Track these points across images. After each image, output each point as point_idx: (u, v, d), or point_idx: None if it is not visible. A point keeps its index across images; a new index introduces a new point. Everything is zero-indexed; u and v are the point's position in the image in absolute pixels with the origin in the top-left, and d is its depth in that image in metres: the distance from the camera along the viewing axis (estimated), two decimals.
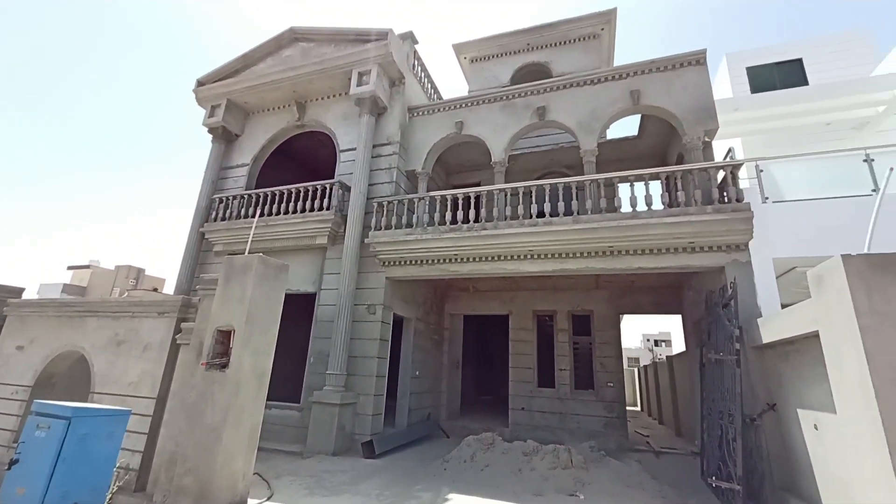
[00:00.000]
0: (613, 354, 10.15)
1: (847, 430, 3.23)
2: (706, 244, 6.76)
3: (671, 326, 32.75)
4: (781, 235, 6.49)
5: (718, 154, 8.94)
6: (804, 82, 12.18)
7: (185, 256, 9.90)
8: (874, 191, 6.24)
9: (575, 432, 9.44)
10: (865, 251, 3.32)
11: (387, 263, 8.61)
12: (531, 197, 8.31)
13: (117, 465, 5.07)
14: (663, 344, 51.79)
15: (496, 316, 11.66)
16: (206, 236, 9.99)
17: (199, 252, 10.16)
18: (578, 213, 7.43)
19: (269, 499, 5.01)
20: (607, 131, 10.16)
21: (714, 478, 5.35)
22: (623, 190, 7.59)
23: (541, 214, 7.79)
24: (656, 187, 9.33)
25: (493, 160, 9.07)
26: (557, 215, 7.53)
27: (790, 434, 4.88)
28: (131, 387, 5.41)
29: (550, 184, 7.79)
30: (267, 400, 8.53)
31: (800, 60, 12.39)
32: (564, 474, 5.74)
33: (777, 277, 6.47)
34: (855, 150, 6.77)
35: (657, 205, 7.23)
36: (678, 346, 20.26)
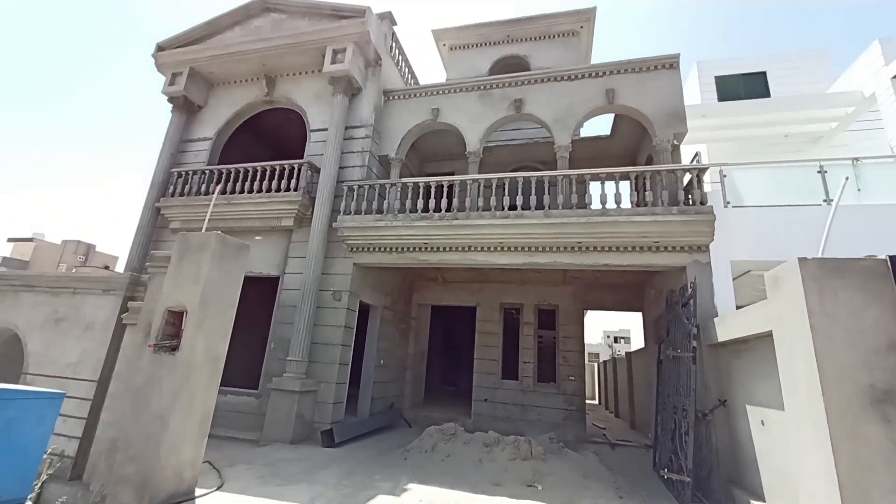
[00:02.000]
0: (576, 349, 10.37)
1: (793, 426, 3.38)
2: (670, 244, 6.94)
3: (630, 324, 34.00)
4: (739, 239, 6.75)
5: (685, 158, 9.20)
6: (767, 94, 12.73)
7: (138, 233, 9.29)
8: (826, 201, 6.58)
9: (536, 424, 9.61)
10: (819, 255, 3.46)
11: (355, 249, 8.39)
12: (504, 189, 8.29)
13: (49, 451, 4.71)
14: (622, 340, 53.71)
15: (464, 307, 11.66)
16: (161, 212, 9.41)
17: (154, 228, 9.56)
18: (549, 208, 7.46)
19: (219, 488, 4.79)
20: (581, 129, 10.27)
21: (666, 470, 5.55)
22: (594, 189, 7.75)
23: (513, 207, 7.78)
24: (626, 187, 9.56)
25: (467, 150, 8.98)
26: (529, 209, 7.54)
27: (738, 429, 5.11)
28: (70, 368, 5.01)
29: (524, 177, 7.78)
30: (223, 386, 8.26)
31: (764, 73, 12.93)
32: (524, 465, 5.80)
33: (733, 279, 6.74)
34: (810, 160, 7.11)
35: (626, 203, 7.40)
36: (637, 342, 21.05)
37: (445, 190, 8.15)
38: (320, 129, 9.30)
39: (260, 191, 8.81)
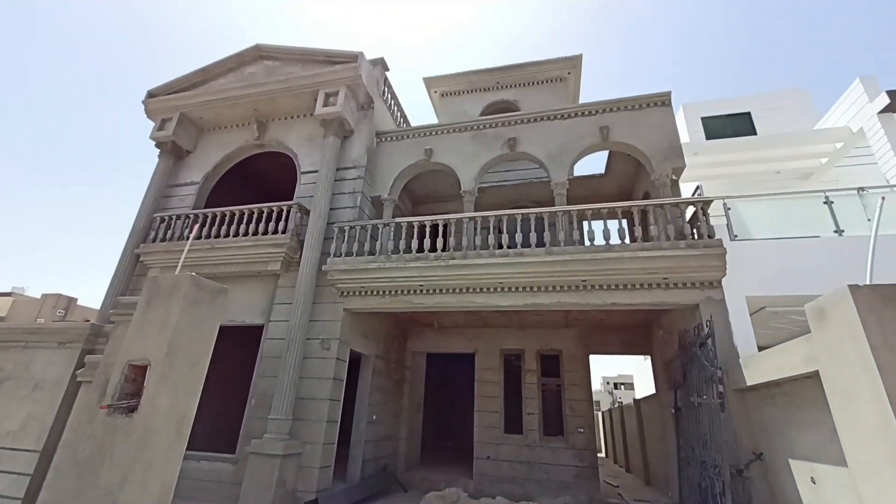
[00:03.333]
0: (583, 397, 9.66)
1: (867, 486, 2.83)
2: (680, 280, 6.57)
3: (633, 369, 32.94)
4: (751, 273, 6.41)
5: (685, 194, 9.07)
6: (753, 133, 12.98)
7: (114, 280, 8.71)
8: (838, 231, 6.33)
9: (545, 483, 8.71)
10: (868, 283, 3.08)
11: (346, 293, 7.89)
12: (501, 228, 7.99)
13: None
14: (622, 387, 51.99)
15: (461, 354, 11.00)
16: (141, 258, 8.91)
17: (132, 276, 9.01)
18: (551, 245, 7.13)
19: None
20: (575, 169, 10.22)
21: None
22: (594, 227, 7.52)
23: (511, 247, 7.43)
24: (625, 225, 9.31)
25: (462, 189, 8.77)
26: (529, 246, 7.20)
27: (781, 487, 4.48)
28: (10, 437, 4.31)
29: (522, 213, 7.51)
30: (196, 450, 7.42)
31: (748, 114, 13.27)
32: None
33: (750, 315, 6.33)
34: (815, 191, 6.95)
35: (629, 240, 7.18)
36: (642, 388, 20.14)
37: (441, 229, 7.81)
38: (311, 170, 9.09)
39: (246, 234, 8.41)
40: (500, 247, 7.35)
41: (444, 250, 7.57)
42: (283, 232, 8.18)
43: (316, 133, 9.35)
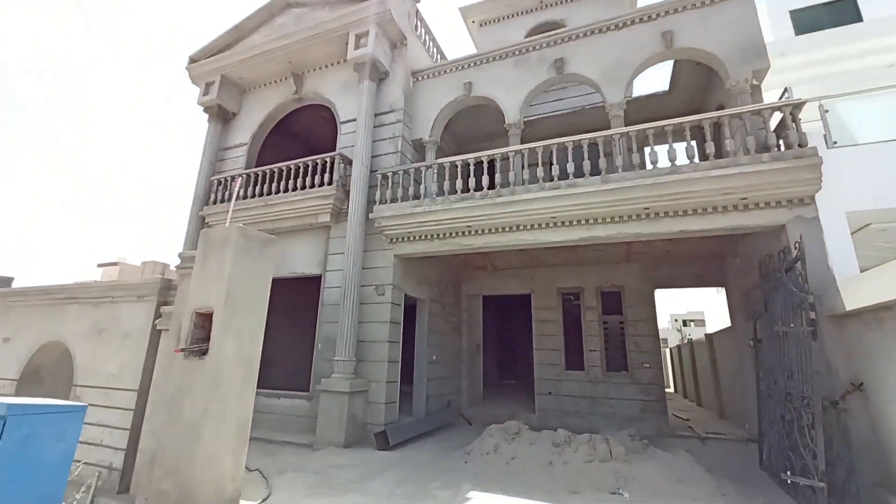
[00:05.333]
0: (649, 333, 9.24)
1: None
2: (762, 199, 5.76)
3: (704, 305, 31.24)
4: (854, 186, 5.46)
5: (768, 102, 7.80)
6: (859, 20, 10.72)
7: (186, 242, 9.40)
8: None
9: (609, 418, 8.64)
10: None
11: (394, 240, 7.89)
12: (552, 159, 7.40)
13: (96, 463, 4.57)
14: (692, 324, 49.94)
15: (517, 296, 10.86)
16: (206, 220, 9.46)
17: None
18: (607, 173, 6.51)
19: (264, 500, 4.43)
20: (633, 89, 9.10)
21: (788, 473, 4.47)
22: (656, 151, 6.68)
23: (563, 178, 6.88)
24: (698, 142, 8.25)
25: (507, 122, 8.18)
26: (583, 176, 6.63)
27: (887, 419, 3.97)
28: (112, 378, 4.88)
29: (574, 140, 6.86)
30: (275, 389, 8.15)
31: None
32: (603, 468, 4.97)
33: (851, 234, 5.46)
34: None
35: (701, 158, 6.33)
36: (714, 324, 19.07)
37: (486, 166, 7.42)
38: (350, 119, 8.90)
39: (295, 189, 8.56)
40: (552, 178, 6.84)
41: (490, 188, 7.22)
42: (329, 184, 8.22)
43: (351, 80, 9.05)
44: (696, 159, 6.17)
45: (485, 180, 7.21)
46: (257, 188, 8.89)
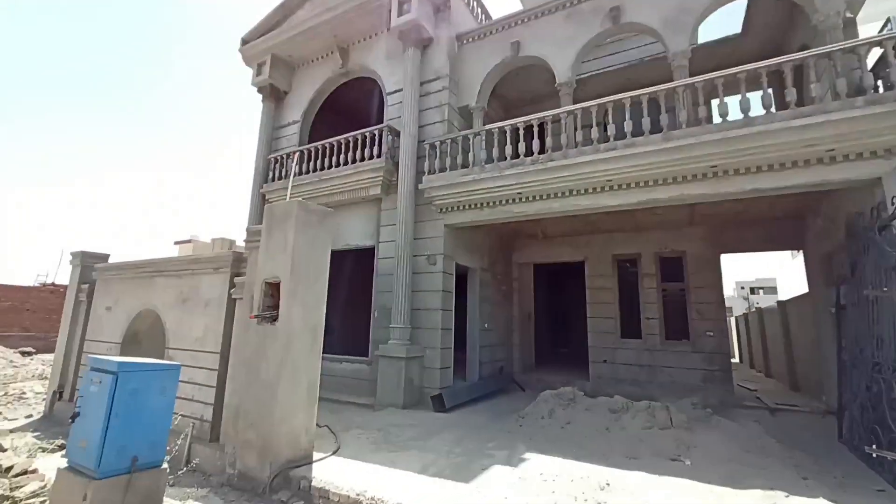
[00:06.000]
0: (713, 300, 8.74)
1: None
2: (853, 150, 5.13)
3: (774, 271, 28.98)
4: None
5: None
6: None
7: (250, 219, 10.03)
8: None
9: (667, 387, 8.40)
10: None
11: (444, 210, 7.93)
12: (608, 119, 6.97)
13: (190, 415, 5.17)
14: (760, 291, 46.65)
15: (570, 263, 10.63)
16: (266, 197, 10.00)
17: (262, 214, 10.22)
18: (669, 130, 6.05)
19: (334, 453, 4.82)
20: (699, 35, 8.24)
21: (874, 446, 4.16)
22: (726, 103, 6.01)
23: (620, 138, 6.50)
24: (775, 90, 7.43)
25: (557, 82, 7.79)
26: (641, 135, 6.22)
27: None
28: (197, 342, 5.43)
29: (632, 96, 6.42)
30: (339, 354, 8.67)
31: None
32: (663, 435, 4.90)
33: None
34: None
35: (780, 107, 5.67)
36: (786, 291, 17.63)
37: (536, 130, 7.16)
38: (396, 90, 8.87)
39: (346, 163, 8.77)
40: (607, 139, 6.49)
41: (541, 152, 6.99)
42: (378, 156, 8.34)
43: (395, 49, 8.95)
44: (773, 109, 5.57)
45: (535, 145, 6.99)
46: (311, 164, 9.21)
